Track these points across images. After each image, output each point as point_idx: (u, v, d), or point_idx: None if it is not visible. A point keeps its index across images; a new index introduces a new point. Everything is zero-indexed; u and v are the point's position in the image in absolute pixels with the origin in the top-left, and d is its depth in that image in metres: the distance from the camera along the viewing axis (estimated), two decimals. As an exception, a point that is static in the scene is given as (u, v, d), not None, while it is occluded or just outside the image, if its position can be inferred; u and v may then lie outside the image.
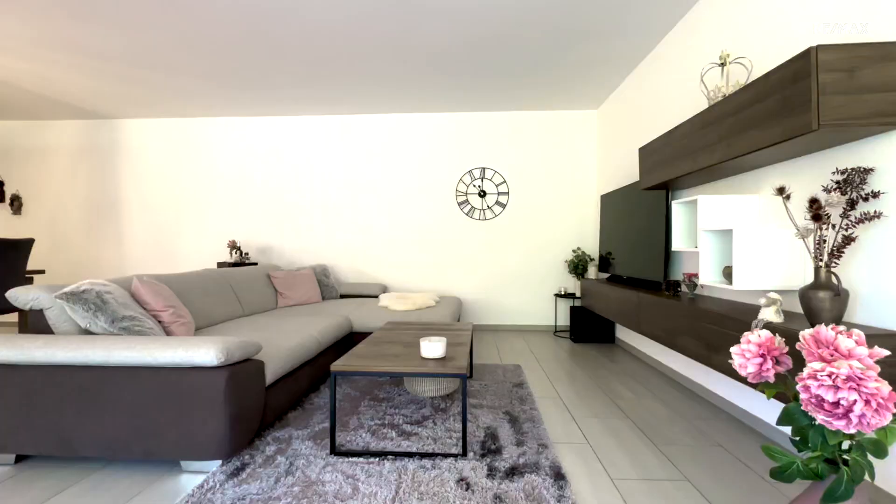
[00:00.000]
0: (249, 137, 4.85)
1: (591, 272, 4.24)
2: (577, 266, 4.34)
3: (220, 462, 1.74)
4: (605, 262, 3.95)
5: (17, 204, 4.91)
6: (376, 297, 4.35)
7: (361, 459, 1.77)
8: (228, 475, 1.65)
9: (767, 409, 2.05)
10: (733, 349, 1.20)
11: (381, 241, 4.77)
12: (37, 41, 3.08)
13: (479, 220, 4.70)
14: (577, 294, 4.38)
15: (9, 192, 4.95)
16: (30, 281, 3.58)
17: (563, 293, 4.41)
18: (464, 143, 4.71)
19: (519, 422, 2.16)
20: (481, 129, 4.69)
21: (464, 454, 1.80)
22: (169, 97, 4.22)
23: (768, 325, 1.62)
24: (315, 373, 2.56)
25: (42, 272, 3.73)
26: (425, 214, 4.74)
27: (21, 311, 3.52)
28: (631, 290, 2.93)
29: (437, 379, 2.43)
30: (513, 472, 1.66)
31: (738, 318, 1.76)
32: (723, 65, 2.10)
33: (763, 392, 1.24)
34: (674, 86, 2.92)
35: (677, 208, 2.47)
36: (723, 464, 1.79)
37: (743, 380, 1.59)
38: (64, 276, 4.95)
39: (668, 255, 2.77)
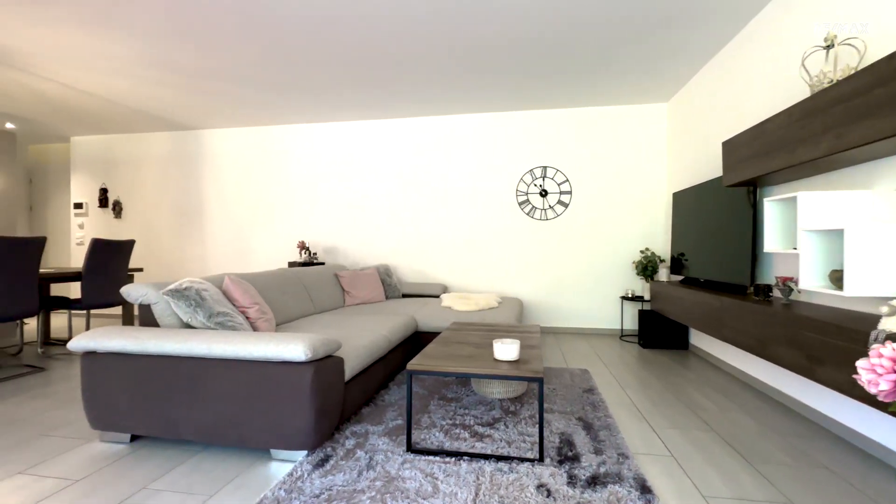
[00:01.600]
0: (317, 143, 5.09)
1: (662, 274, 4.02)
2: (646, 268, 4.13)
3: (305, 452, 1.83)
4: (677, 264, 3.73)
5: (118, 209, 5.48)
6: (437, 297, 4.40)
7: (438, 458, 1.80)
8: (314, 465, 1.74)
9: (891, 433, 1.83)
10: (860, 363, 1.08)
11: (441, 241, 4.82)
12: (137, 62, 3.42)
13: (541, 220, 4.61)
14: (646, 297, 4.17)
15: (111, 198, 5.54)
16: (131, 278, 3.98)
17: (630, 296, 4.22)
18: (525, 142, 4.64)
19: (594, 429, 2.09)
20: (543, 127, 4.60)
21: (541, 459, 1.76)
22: (245, 108, 4.52)
23: (891, 337, 1.44)
24: (386, 370, 2.63)
25: (140, 270, 4.14)
26: (485, 215, 4.72)
27: (124, 305, 3.92)
28: (710, 293, 2.74)
29: (506, 381, 2.42)
30: (594, 482, 1.61)
31: (850, 327, 1.58)
32: (829, 47, 1.90)
33: (894, 414, 1.11)
34: (762, 74, 2.69)
35: (770, 206, 2.27)
36: (830, 488, 1.62)
37: (862, 397, 1.43)
38: (157, 274, 5.46)
39: (754, 256, 2.56)
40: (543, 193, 4.60)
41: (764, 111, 2.67)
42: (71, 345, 1.92)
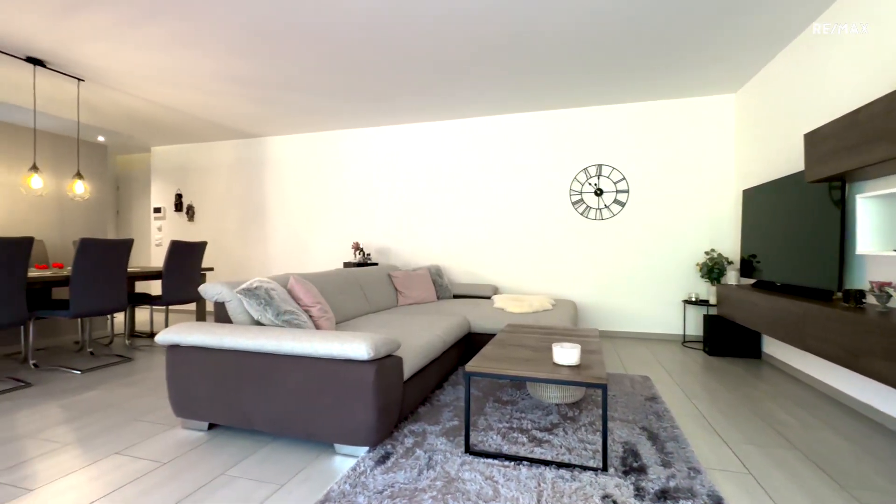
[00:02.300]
0: (371, 147, 5.23)
1: (731, 277, 3.75)
2: (712, 270, 3.88)
3: (367, 448, 1.88)
4: (747, 266, 3.47)
5: (191, 212, 5.94)
6: (489, 297, 4.38)
7: (497, 462, 1.78)
8: (376, 462, 1.78)
9: None
10: None
11: (491, 242, 4.79)
12: (210, 77, 3.68)
13: (595, 219, 4.47)
14: (712, 301, 3.92)
15: (185, 202, 6.00)
16: (203, 277, 4.29)
17: (693, 299, 3.98)
18: (579, 140, 4.51)
19: (660, 440, 1.99)
20: (598, 124, 4.45)
21: (604, 469, 1.70)
22: (303, 115, 4.73)
23: None
24: (440, 371, 2.65)
25: (211, 269, 4.45)
26: (536, 215, 4.64)
27: (198, 301, 4.22)
28: (790, 298, 2.52)
29: (564, 386, 2.36)
30: (664, 496, 1.53)
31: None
32: (939, 24, 1.69)
33: None
34: (852, 57, 2.44)
35: (864, 203, 2.05)
36: (945, 521, 1.44)
37: None
38: (226, 273, 5.85)
39: (842, 258, 2.33)
40: (598, 192, 4.45)
41: (855, 99, 2.42)
42: (158, 338, 2.10)
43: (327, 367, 1.85)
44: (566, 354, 1.89)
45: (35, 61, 3.36)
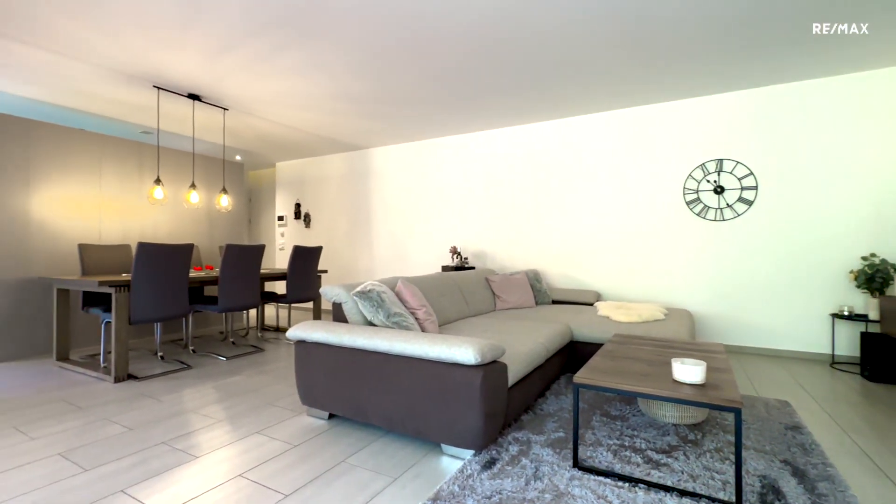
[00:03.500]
0: (467, 152, 5.33)
1: (900, 288, 3.10)
2: (873, 278, 3.24)
3: (472, 452, 1.92)
4: (928, 275, 2.83)
5: (307, 220, 6.61)
6: (590, 304, 4.18)
7: (609, 480, 1.69)
8: (482, 466, 1.80)
9: None
10: None
11: (593, 245, 4.57)
12: (324, 97, 4.06)
13: (715, 220, 4.01)
14: (873, 316, 3.27)
15: (303, 211, 6.70)
16: (319, 279, 4.74)
17: (846, 313, 3.36)
18: (694, 133, 4.10)
19: (808, 478, 1.71)
20: (717, 114, 3.99)
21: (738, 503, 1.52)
22: (405, 125, 4.99)
23: None
24: (543, 379, 2.59)
25: (325, 272, 4.90)
26: (644, 216, 4.31)
27: (315, 300, 4.67)
28: None
29: (683, 405, 2.15)
30: (820, 546, 1.31)
31: None
32: None
33: None
34: None
35: None
36: None
37: None
38: (337, 275, 6.41)
39: None
40: (719, 190, 3.99)
41: None
42: (288, 334, 2.37)
43: (435, 368, 1.93)
44: (689, 371, 1.72)
45: (194, 97, 4.03)
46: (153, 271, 3.15)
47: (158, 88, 3.82)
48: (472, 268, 4.93)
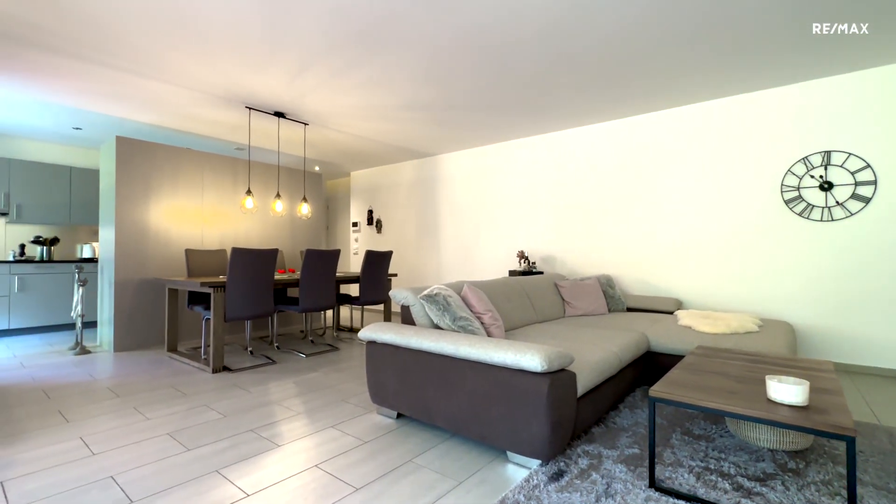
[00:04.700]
0: (534, 155, 5.23)
1: None
2: None
3: (539, 462, 1.87)
4: None
5: (379, 225, 6.90)
6: (670, 313, 3.89)
7: (691, 505, 1.55)
8: (550, 477, 1.75)
9: None
10: None
11: (673, 249, 4.24)
12: (395, 107, 4.22)
13: (822, 220, 3.53)
14: None
15: (375, 217, 7.01)
16: (390, 282, 4.92)
17: None
18: (794, 124, 3.65)
19: (948, 526, 1.44)
20: (825, 101, 3.53)
21: (852, 547, 1.32)
22: (471, 130, 5.02)
23: None
24: (616, 391, 2.46)
25: (395, 275, 5.08)
26: (734, 217, 3.92)
27: (385, 302, 4.85)
28: None
29: (782, 429, 1.92)
30: None
31: None
32: None
33: None
34: None
35: None
36: None
37: None
38: (406, 279, 6.61)
39: None
40: (826, 187, 3.51)
41: None
42: (360, 334, 2.49)
43: (501, 374, 1.91)
44: (788, 390, 1.53)
45: (279, 114, 4.40)
46: (245, 274, 3.48)
47: (250, 108, 4.22)
48: (541, 272, 4.81)
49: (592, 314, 3.79)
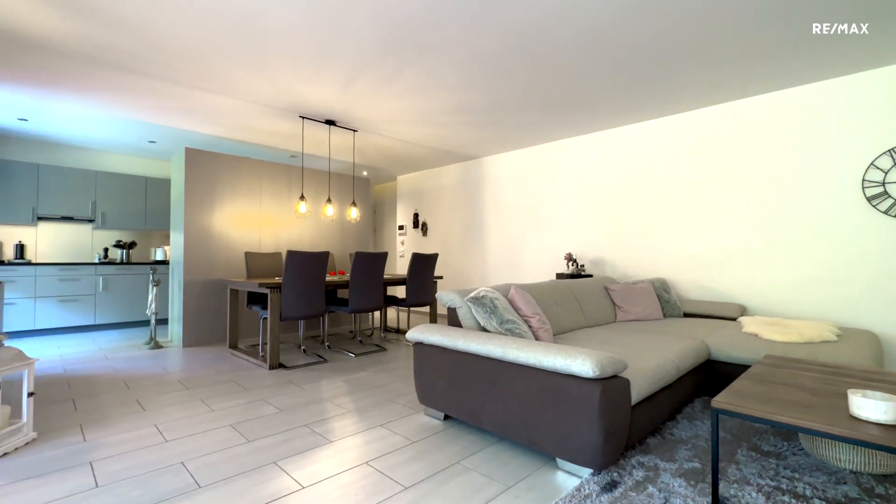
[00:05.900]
0: (582, 155, 5.09)
1: None
2: None
3: (591, 471, 1.81)
4: None
5: (424, 228, 6.99)
6: (733, 319, 3.64)
7: (760, 527, 1.44)
8: (602, 488, 1.69)
9: None
10: None
11: (734, 251, 3.97)
12: (439, 112, 4.27)
13: (913, 219, 3.17)
14: None
15: (421, 220, 7.11)
16: (435, 285, 4.96)
17: None
18: (879, 112, 3.31)
19: None
20: (914, 85, 3.17)
21: (957, 587, 1.17)
22: (516, 132, 4.97)
23: None
24: (673, 400, 2.33)
25: (441, 278, 5.12)
26: (806, 215, 3.61)
27: (431, 304, 4.90)
28: None
29: (869, 450, 1.74)
30: None
31: None
32: None
33: None
34: None
35: None
36: None
37: None
38: (452, 281, 6.64)
39: None
40: (918, 181, 3.15)
41: None
42: (408, 335, 2.53)
43: (550, 379, 1.87)
44: (876, 407, 1.39)
45: (330, 122, 4.58)
46: (299, 275, 3.65)
47: (303, 118, 4.43)
48: (590, 276, 4.67)
49: (646, 319, 3.63)
